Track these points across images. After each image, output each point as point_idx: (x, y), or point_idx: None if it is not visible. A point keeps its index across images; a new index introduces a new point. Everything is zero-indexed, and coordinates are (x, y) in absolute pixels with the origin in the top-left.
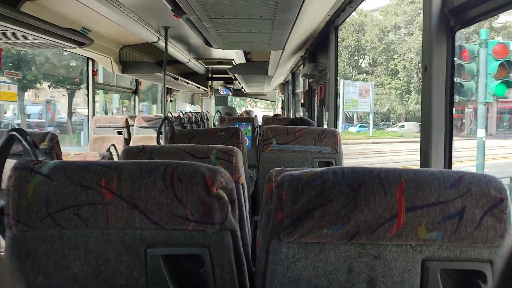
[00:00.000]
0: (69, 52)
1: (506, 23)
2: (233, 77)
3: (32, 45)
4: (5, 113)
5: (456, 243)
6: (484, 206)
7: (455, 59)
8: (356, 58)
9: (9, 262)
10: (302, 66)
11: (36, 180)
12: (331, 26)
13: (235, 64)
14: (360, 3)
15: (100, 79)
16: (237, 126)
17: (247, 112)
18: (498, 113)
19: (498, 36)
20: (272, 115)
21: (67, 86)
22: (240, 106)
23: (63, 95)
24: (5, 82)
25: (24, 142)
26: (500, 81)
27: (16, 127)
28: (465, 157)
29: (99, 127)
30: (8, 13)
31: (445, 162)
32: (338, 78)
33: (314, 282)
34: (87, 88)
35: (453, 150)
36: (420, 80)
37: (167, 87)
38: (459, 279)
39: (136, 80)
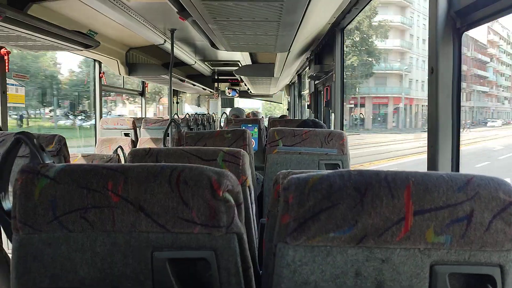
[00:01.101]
0: None
1: None
2: (239, 79)
3: (39, 48)
4: None
5: (465, 247)
6: (493, 209)
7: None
8: None
9: (15, 265)
10: (308, 68)
11: (42, 183)
12: (336, 28)
13: (241, 65)
14: (366, 5)
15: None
16: (244, 128)
17: (254, 114)
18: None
19: None
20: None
21: None
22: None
23: None
24: (13, 85)
25: (30, 145)
26: None
27: None
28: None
29: (106, 129)
30: (15, 16)
31: (453, 165)
32: (344, 80)
33: (321, 286)
34: (94, 90)
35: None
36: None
37: (173, 89)
38: (468, 284)
39: (143, 82)
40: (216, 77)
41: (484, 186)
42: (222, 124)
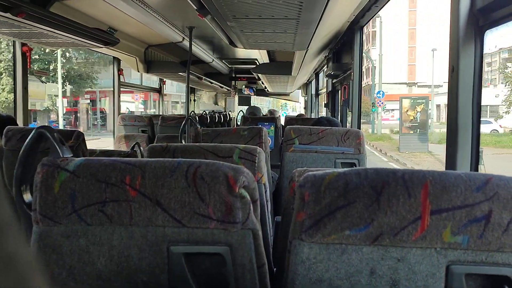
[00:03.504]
0: None
1: None
2: (257, 77)
3: (60, 45)
4: None
5: (483, 248)
6: None
7: None
8: None
9: (35, 257)
10: (325, 66)
11: (62, 176)
12: (355, 26)
13: (258, 64)
14: (386, 3)
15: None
16: (260, 126)
17: (271, 112)
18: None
19: None
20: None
21: None
22: None
23: None
24: (34, 81)
25: (51, 139)
26: None
27: None
28: None
29: (124, 125)
30: (38, 13)
31: (472, 164)
32: (362, 78)
33: (335, 284)
34: (113, 87)
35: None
36: None
37: (190, 87)
38: (485, 285)
39: (161, 80)
40: (233, 75)
41: (503, 186)
42: (238, 122)
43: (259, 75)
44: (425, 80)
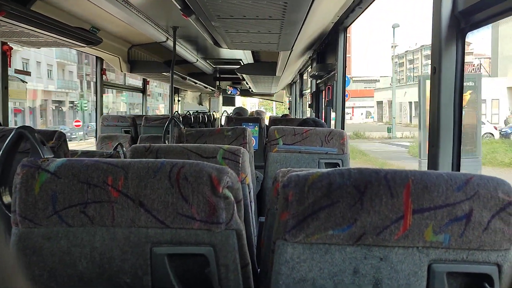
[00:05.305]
0: None
1: None
2: (241, 77)
3: (41, 44)
4: None
5: (463, 246)
6: (492, 209)
7: None
8: None
9: (15, 259)
10: (310, 67)
11: (43, 177)
12: (339, 27)
13: (243, 64)
14: (370, 4)
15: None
16: (244, 126)
17: (258, 113)
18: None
19: None
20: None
21: None
22: None
23: None
24: (14, 81)
25: (32, 140)
26: None
27: None
28: None
29: (107, 125)
30: (19, 12)
31: (453, 164)
32: (346, 79)
33: (319, 283)
34: (96, 86)
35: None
36: None
37: (174, 87)
38: (465, 283)
39: (144, 80)
40: (217, 75)
41: (483, 185)
42: (223, 123)
43: (244, 75)
44: (363, 74)
